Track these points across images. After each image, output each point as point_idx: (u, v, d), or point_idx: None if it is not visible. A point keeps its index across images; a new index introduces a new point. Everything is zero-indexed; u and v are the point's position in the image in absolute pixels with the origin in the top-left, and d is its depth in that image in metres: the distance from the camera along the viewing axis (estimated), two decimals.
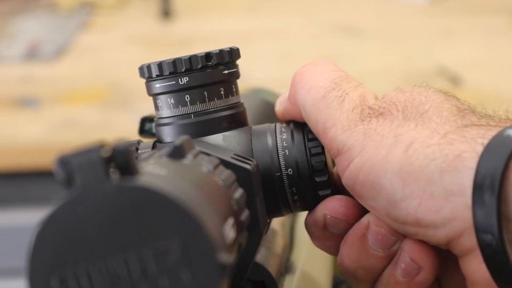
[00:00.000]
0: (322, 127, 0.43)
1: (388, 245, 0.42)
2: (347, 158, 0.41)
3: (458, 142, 0.38)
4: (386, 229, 0.42)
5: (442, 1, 1.50)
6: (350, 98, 0.42)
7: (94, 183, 0.31)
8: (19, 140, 1.10)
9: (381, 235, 0.42)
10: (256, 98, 0.55)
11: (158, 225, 0.31)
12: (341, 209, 0.44)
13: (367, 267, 0.44)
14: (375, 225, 0.42)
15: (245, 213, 0.39)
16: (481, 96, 1.12)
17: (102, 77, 1.27)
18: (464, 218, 0.37)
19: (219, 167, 0.39)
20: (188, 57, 0.43)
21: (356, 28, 1.39)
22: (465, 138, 0.38)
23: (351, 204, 0.44)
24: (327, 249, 0.46)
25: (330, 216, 0.44)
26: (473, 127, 0.39)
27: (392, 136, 0.40)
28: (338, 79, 0.44)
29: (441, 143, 0.38)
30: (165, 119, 0.44)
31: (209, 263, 0.31)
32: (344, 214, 0.43)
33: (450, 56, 1.26)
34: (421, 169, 0.38)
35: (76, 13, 1.53)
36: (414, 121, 0.40)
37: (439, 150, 0.38)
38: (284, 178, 0.44)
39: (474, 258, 0.38)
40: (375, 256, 0.44)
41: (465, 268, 0.39)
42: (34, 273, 0.31)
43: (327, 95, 0.43)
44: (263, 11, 1.52)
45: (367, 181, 0.40)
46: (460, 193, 0.37)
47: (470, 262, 0.38)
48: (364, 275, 0.45)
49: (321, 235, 0.45)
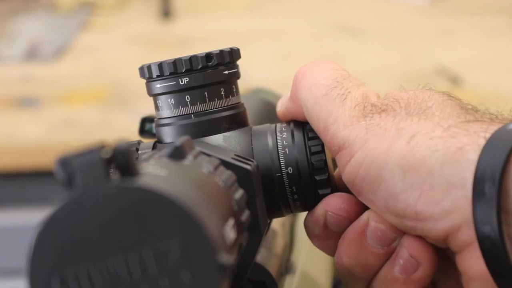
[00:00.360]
0: (323, 124, 0.43)
1: (387, 242, 0.42)
2: (348, 153, 0.41)
3: (460, 135, 0.38)
4: (385, 225, 0.42)
5: (442, 1, 1.50)
6: (352, 96, 0.43)
7: (95, 184, 0.31)
8: (19, 140, 1.10)
9: (381, 231, 0.42)
10: (256, 98, 0.55)
11: (158, 226, 0.31)
12: (343, 206, 0.44)
13: (365, 264, 0.44)
14: (375, 221, 0.42)
15: (245, 214, 0.39)
16: (481, 96, 1.12)
17: (102, 77, 1.27)
18: (463, 211, 0.37)
19: (219, 167, 0.39)
20: (188, 57, 0.43)
21: (356, 28, 1.39)
22: (468, 131, 0.38)
23: (352, 201, 0.44)
24: (327, 249, 0.46)
25: (332, 213, 0.44)
26: (476, 122, 0.39)
27: (395, 130, 0.40)
28: (340, 78, 0.44)
29: (443, 136, 0.39)
30: (165, 120, 0.44)
31: (210, 264, 0.31)
32: (346, 210, 0.43)
33: (450, 56, 1.26)
34: (422, 160, 0.38)
35: (76, 13, 1.53)
36: (417, 116, 0.40)
37: (442, 143, 0.38)
38: (284, 177, 0.44)
39: (472, 252, 0.38)
40: (373, 253, 0.44)
41: (461, 264, 0.39)
42: (35, 274, 0.31)
43: (329, 92, 0.43)
44: (263, 11, 1.52)
45: (368, 175, 0.40)
46: (461, 185, 0.37)
47: (467, 257, 0.38)
48: (361, 273, 0.45)
49: (321, 234, 0.45)
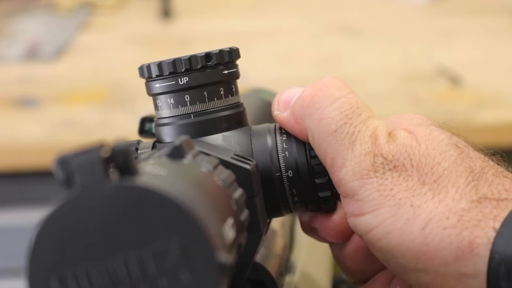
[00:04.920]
0: (330, 162, 0.42)
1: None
2: (358, 209, 0.41)
3: (472, 226, 0.38)
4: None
5: (442, 1, 1.50)
6: (361, 138, 0.41)
7: (94, 183, 0.31)
8: (19, 140, 1.10)
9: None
10: (256, 98, 0.55)
11: (157, 225, 0.31)
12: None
13: (367, 271, 0.45)
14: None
15: (244, 213, 0.39)
16: (481, 96, 1.12)
17: (102, 77, 1.27)
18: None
19: (218, 167, 0.39)
20: (188, 57, 0.43)
21: (356, 28, 1.39)
22: (478, 221, 0.38)
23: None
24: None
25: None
26: (486, 202, 0.39)
27: (409, 206, 0.40)
28: (349, 111, 0.42)
29: (456, 226, 0.38)
30: (164, 119, 0.44)
31: (209, 263, 0.31)
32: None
33: (450, 56, 1.26)
34: (437, 252, 0.38)
35: (76, 13, 1.53)
36: (431, 189, 0.40)
37: (455, 235, 0.38)
38: (284, 180, 0.44)
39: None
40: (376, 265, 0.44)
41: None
42: (34, 273, 0.31)
43: (338, 130, 0.42)
44: (263, 11, 1.52)
45: (378, 243, 0.40)
46: (474, 276, 0.38)
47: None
48: (361, 276, 0.45)
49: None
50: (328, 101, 0.43)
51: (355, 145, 0.41)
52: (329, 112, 0.42)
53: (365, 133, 0.42)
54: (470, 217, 0.39)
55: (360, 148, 0.41)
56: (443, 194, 0.40)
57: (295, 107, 0.44)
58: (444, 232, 0.39)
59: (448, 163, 0.40)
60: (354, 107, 0.42)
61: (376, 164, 0.41)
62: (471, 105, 1.10)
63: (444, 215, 0.39)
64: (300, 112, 0.43)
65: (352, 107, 0.42)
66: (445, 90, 1.15)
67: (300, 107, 0.43)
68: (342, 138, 0.41)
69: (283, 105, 0.45)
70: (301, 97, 0.44)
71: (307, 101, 0.43)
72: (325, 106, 0.42)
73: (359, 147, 0.41)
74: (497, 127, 1.06)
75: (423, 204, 0.39)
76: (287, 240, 0.55)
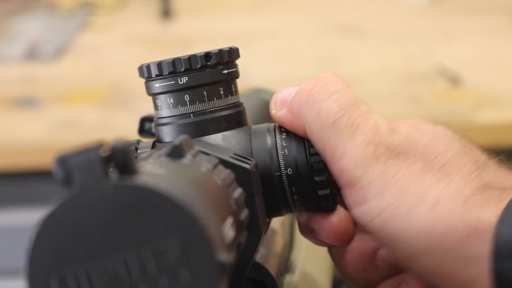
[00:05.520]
0: (330, 154, 0.41)
1: (396, 270, 0.43)
2: (361, 196, 0.40)
3: (477, 210, 0.38)
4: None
5: (442, 1, 1.50)
6: (361, 129, 0.41)
7: (93, 183, 0.31)
8: (19, 140, 1.10)
9: (392, 259, 0.42)
10: (255, 98, 0.55)
11: (157, 225, 0.31)
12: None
13: (368, 279, 0.45)
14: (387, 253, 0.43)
15: (244, 213, 0.39)
16: (481, 96, 1.12)
17: (102, 77, 1.26)
18: (482, 284, 0.38)
19: (218, 166, 0.39)
20: (187, 57, 0.43)
21: (356, 28, 1.39)
22: (482, 206, 0.38)
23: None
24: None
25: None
26: (489, 191, 0.39)
27: (413, 190, 0.39)
28: (347, 104, 0.42)
29: (461, 210, 0.38)
30: (164, 119, 0.44)
31: (208, 263, 0.31)
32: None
33: (450, 56, 1.26)
34: (442, 235, 0.38)
35: (76, 13, 1.53)
36: (435, 176, 0.40)
37: (460, 218, 0.38)
38: (283, 178, 0.44)
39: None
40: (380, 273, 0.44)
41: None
42: (33, 273, 0.31)
43: (337, 121, 0.41)
44: (263, 11, 1.52)
45: (383, 229, 0.40)
46: (480, 260, 0.38)
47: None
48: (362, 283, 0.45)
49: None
50: (325, 95, 0.42)
51: (355, 136, 0.41)
52: (327, 104, 0.42)
53: (365, 125, 0.41)
54: (475, 201, 0.38)
55: (361, 138, 0.41)
56: (448, 180, 0.39)
57: (293, 103, 0.44)
58: (450, 215, 0.38)
59: (452, 153, 0.40)
60: (351, 101, 0.42)
61: (377, 153, 0.40)
62: (471, 105, 1.10)
63: (449, 199, 0.39)
64: (297, 107, 0.43)
65: (350, 101, 0.42)
66: (445, 90, 1.15)
67: (297, 102, 0.43)
68: (341, 129, 0.41)
69: (281, 104, 0.45)
70: (298, 92, 0.43)
71: (305, 96, 0.43)
72: (322, 100, 0.42)
73: (359, 137, 0.41)
74: (497, 127, 1.06)
75: (427, 189, 0.39)
76: (287, 239, 0.55)
